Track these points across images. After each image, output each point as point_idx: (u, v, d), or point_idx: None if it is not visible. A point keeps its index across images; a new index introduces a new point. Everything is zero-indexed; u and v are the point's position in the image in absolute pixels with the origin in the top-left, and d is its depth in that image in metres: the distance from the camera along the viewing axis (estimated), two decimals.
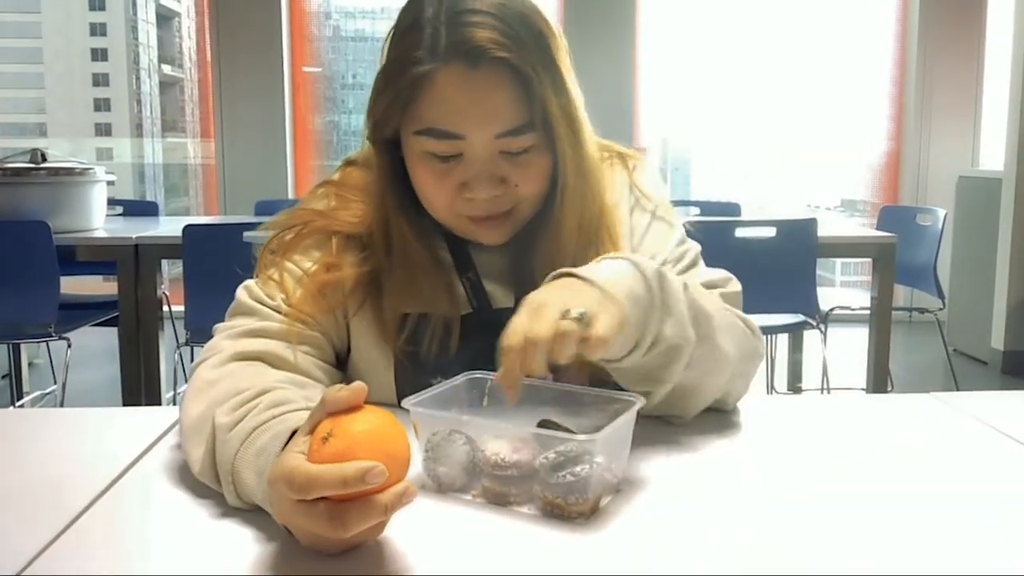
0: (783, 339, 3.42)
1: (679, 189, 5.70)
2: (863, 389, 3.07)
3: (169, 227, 2.97)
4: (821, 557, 0.63)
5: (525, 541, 0.66)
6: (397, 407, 0.74)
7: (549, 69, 0.89)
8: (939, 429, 0.94)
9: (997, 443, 0.88)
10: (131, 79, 6.60)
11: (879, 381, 2.88)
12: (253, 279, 0.97)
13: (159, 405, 2.78)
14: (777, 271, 2.65)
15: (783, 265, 2.67)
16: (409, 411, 0.74)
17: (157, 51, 6.51)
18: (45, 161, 2.83)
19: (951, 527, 0.69)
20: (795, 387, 3.33)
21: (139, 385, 2.82)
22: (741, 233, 2.67)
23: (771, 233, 2.67)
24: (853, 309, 3.13)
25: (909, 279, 3.31)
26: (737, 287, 1.00)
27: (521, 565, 0.62)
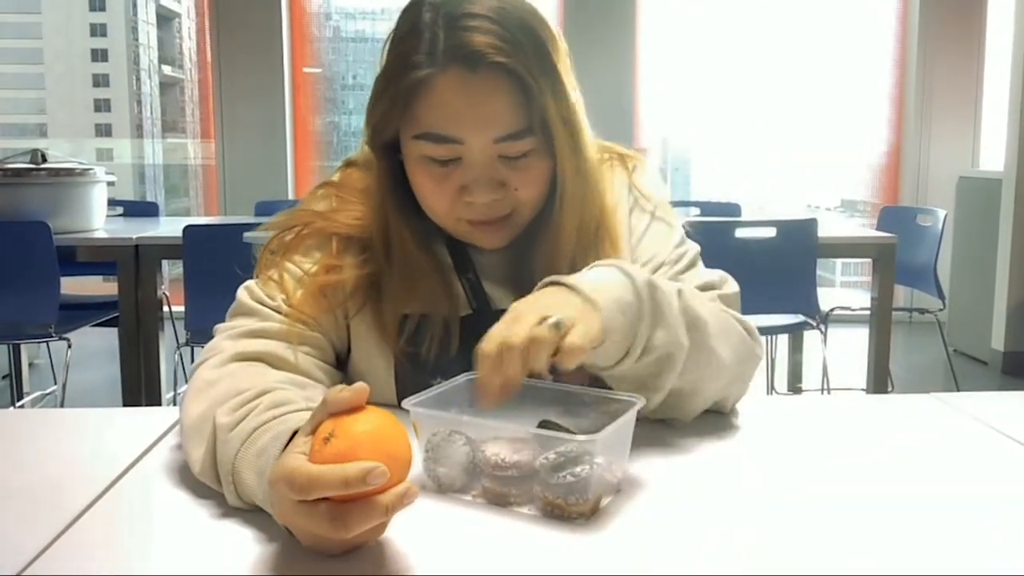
0: (783, 339, 3.42)
1: (679, 189, 5.70)
2: (863, 389, 3.07)
3: (169, 228, 2.98)
4: (821, 557, 0.63)
5: (525, 541, 0.66)
6: (397, 408, 0.74)
7: (548, 73, 0.88)
8: (939, 429, 0.94)
9: (997, 443, 0.88)
10: (131, 80, 6.60)
11: (879, 381, 2.88)
12: (253, 279, 0.97)
13: (159, 405, 2.78)
14: (777, 271, 2.65)
15: (783, 265, 2.67)
16: (409, 411, 0.74)
17: (157, 52, 6.52)
18: (45, 162, 2.84)
19: (951, 527, 0.69)
20: (795, 387, 3.33)
21: (139, 385, 2.82)
22: (741, 233, 2.68)
23: (771, 233, 2.68)
24: (853, 309, 3.13)
25: (909, 279, 3.31)
26: (734, 288, 1.00)
27: (521, 565, 0.62)
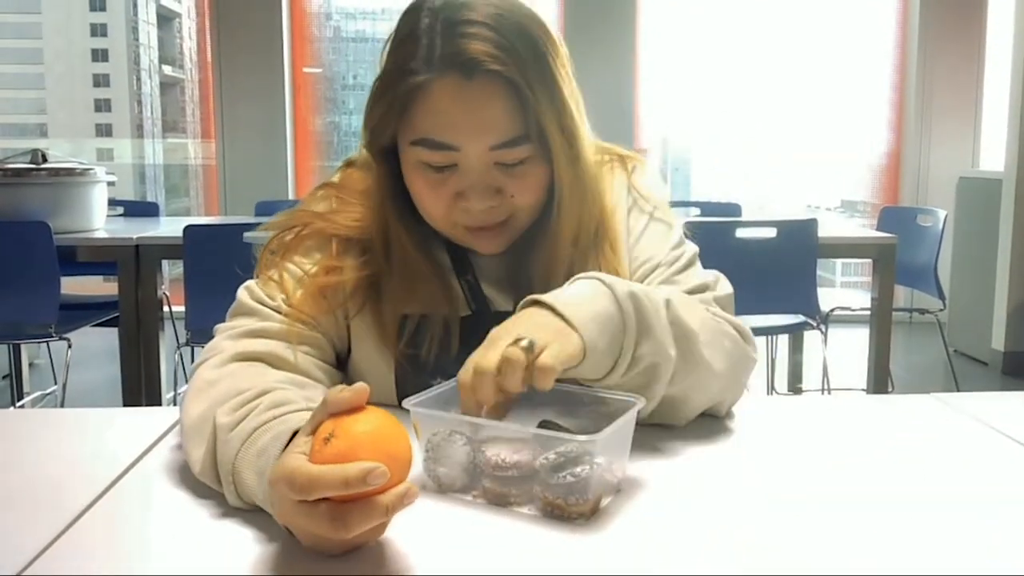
0: (783, 340, 3.42)
1: (679, 189, 5.70)
2: (863, 390, 3.07)
3: (169, 227, 2.98)
4: (821, 557, 0.63)
5: (525, 542, 0.66)
6: (397, 408, 0.74)
7: (545, 81, 0.88)
8: (939, 430, 0.94)
9: (997, 443, 0.88)
10: (132, 80, 6.60)
11: (879, 382, 2.88)
12: (253, 279, 0.97)
13: (159, 405, 2.78)
14: (777, 272, 2.65)
15: (783, 266, 2.67)
16: (409, 411, 0.74)
17: (158, 52, 6.52)
18: (46, 162, 2.84)
19: (951, 527, 0.69)
20: (795, 388, 3.33)
21: (139, 385, 2.82)
22: (741, 234, 2.68)
23: (771, 234, 2.67)
24: (853, 310, 3.13)
25: (909, 280, 3.31)
26: (728, 289, 0.99)
27: (521, 565, 0.62)
